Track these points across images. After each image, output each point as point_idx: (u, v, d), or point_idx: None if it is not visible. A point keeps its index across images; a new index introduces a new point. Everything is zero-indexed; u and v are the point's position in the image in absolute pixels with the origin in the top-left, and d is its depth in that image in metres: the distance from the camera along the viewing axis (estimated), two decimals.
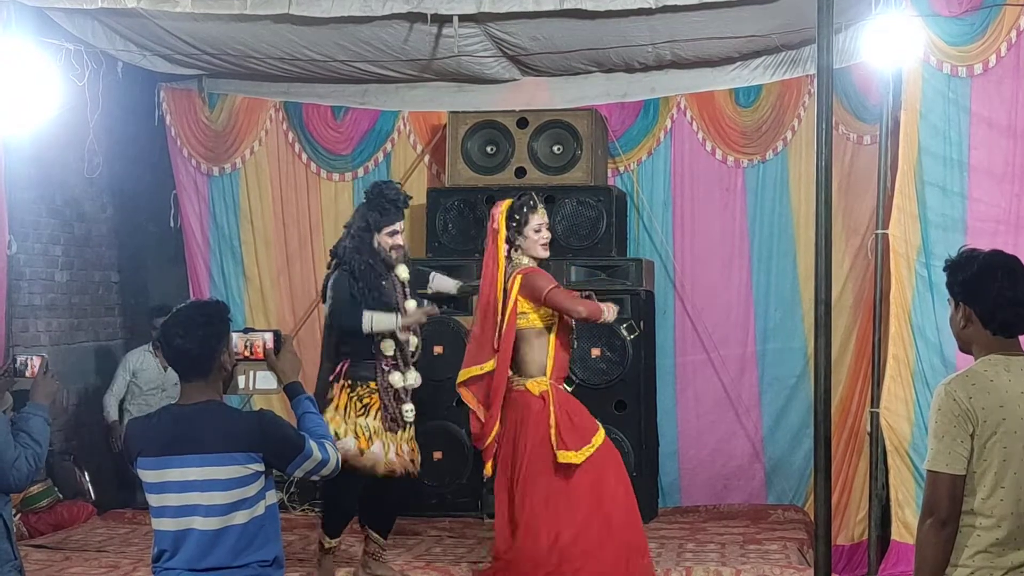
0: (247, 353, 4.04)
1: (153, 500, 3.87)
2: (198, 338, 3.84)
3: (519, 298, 6.12)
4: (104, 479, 8.83)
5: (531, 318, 6.16)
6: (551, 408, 6.06)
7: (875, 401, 7.13)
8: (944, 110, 6.88)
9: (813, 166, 5.09)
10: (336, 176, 9.05)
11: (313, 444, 3.94)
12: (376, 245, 6.38)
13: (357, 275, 6.31)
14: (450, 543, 7.41)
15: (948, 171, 6.89)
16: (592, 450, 6.06)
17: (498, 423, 6.17)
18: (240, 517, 3.81)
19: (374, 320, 6.24)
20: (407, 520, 7.37)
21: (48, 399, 4.57)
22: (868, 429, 7.28)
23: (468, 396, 6.28)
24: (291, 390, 4.12)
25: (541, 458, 6.05)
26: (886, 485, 7.08)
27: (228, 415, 3.89)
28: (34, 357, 4.63)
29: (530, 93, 8.66)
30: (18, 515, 7.36)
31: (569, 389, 6.34)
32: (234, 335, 4.01)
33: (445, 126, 8.52)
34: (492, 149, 8.38)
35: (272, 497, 3.93)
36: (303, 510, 8.31)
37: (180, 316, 3.90)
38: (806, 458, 8.02)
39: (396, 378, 6.35)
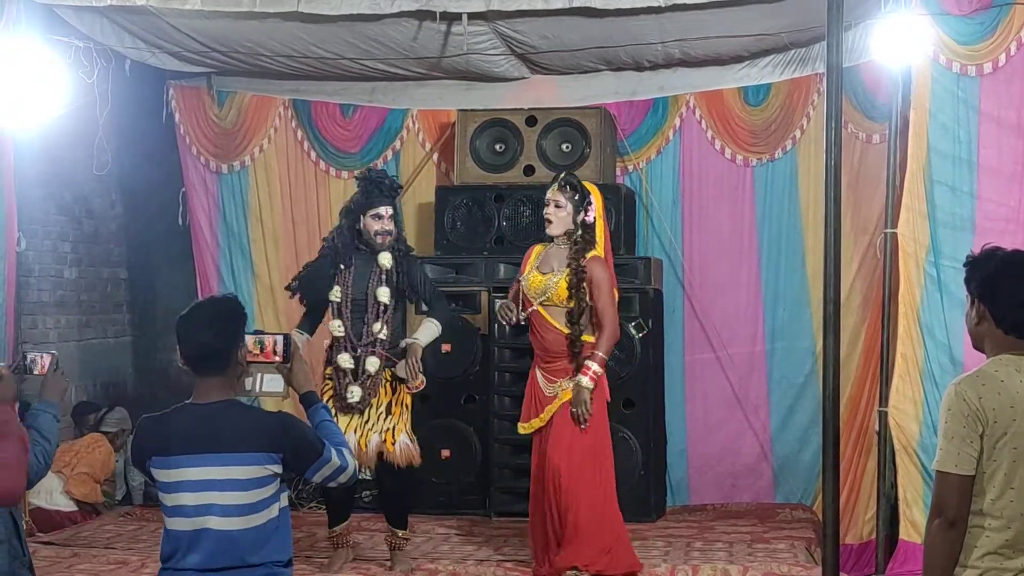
0: (258, 353, 4.01)
1: (167, 499, 3.82)
2: (217, 331, 3.82)
3: None
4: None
5: None
6: None
7: (883, 400, 7.13)
8: (953, 109, 6.87)
9: (822, 165, 5.08)
10: (345, 174, 9.02)
11: (333, 450, 3.93)
12: (362, 228, 6.50)
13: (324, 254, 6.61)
14: (457, 541, 7.41)
15: (957, 170, 6.88)
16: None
17: None
18: (257, 519, 3.79)
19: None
20: (415, 518, 7.37)
21: (58, 396, 4.56)
22: (876, 428, 7.27)
23: None
24: (307, 399, 4.08)
25: None
26: (894, 484, 7.07)
27: (250, 414, 3.87)
28: (44, 354, 4.61)
29: (539, 91, 8.66)
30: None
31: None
32: (245, 336, 3.99)
33: (454, 124, 8.52)
34: (501, 147, 8.37)
35: (284, 500, 3.91)
36: (310, 507, 8.31)
37: (198, 311, 3.88)
38: (814, 457, 7.99)
39: (344, 358, 6.44)
